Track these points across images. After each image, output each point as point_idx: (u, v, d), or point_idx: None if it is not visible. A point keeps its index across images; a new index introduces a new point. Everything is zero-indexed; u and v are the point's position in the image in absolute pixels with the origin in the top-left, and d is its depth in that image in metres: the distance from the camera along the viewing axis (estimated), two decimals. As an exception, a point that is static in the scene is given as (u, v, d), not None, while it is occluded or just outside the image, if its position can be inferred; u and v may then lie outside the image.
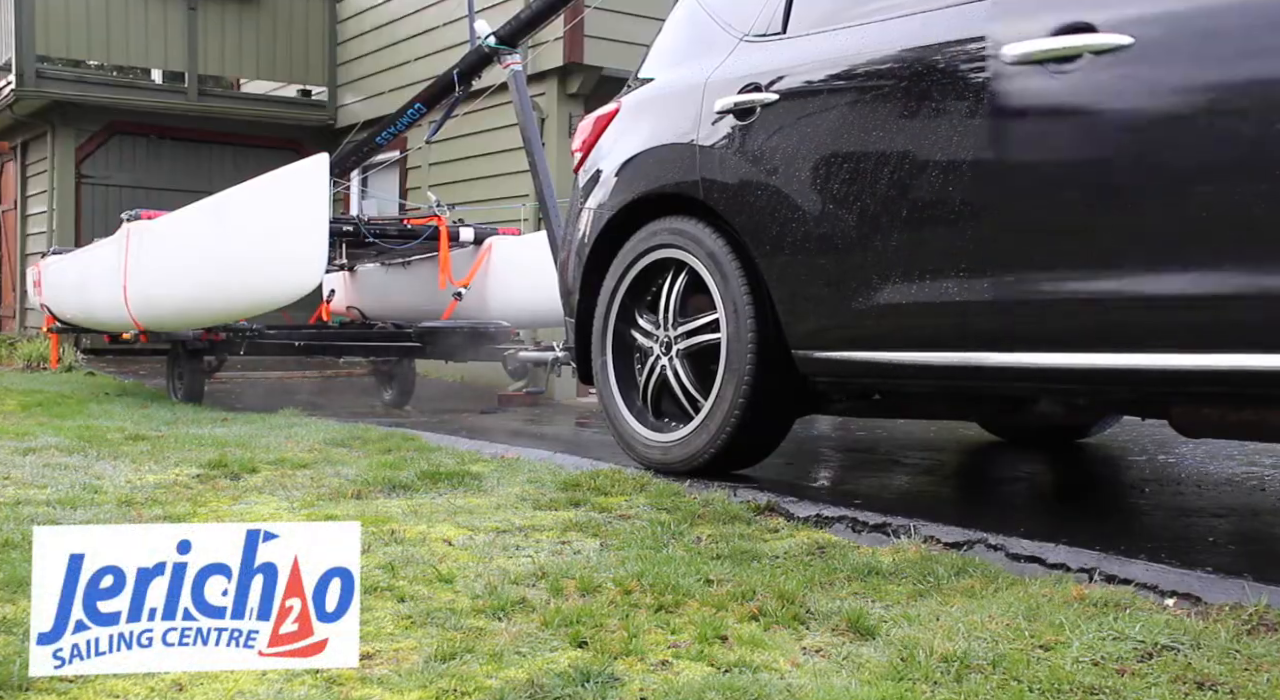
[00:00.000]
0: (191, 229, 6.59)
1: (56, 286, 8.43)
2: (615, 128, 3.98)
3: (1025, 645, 1.93)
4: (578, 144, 4.18)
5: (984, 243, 2.76)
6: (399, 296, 8.35)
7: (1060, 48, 2.57)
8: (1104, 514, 3.33)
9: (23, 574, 2.37)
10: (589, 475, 3.49)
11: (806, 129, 3.21)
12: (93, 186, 11.79)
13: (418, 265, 8.09)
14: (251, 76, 12.52)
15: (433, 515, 3.06)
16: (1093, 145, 2.57)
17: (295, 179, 6.05)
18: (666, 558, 2.56)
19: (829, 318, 3.17)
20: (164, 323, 6.95)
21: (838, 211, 3.10)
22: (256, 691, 1.78)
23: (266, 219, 6.09)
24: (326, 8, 12.12)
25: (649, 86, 3.95)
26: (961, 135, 2.79)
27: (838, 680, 1.82)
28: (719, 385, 3.43)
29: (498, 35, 6.42)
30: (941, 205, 2.84)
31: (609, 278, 3.86)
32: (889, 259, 2.98)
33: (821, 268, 3.15)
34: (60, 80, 11.34)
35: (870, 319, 3.04)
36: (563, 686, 1.78)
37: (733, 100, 3.42)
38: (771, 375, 3.34)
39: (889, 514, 2.90)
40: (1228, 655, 1.87)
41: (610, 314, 3.86)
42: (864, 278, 3.03)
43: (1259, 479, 3.81)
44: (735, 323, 3.38)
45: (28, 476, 3.65)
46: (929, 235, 2.89)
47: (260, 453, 4.20)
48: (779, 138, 3.28)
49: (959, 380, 2.97)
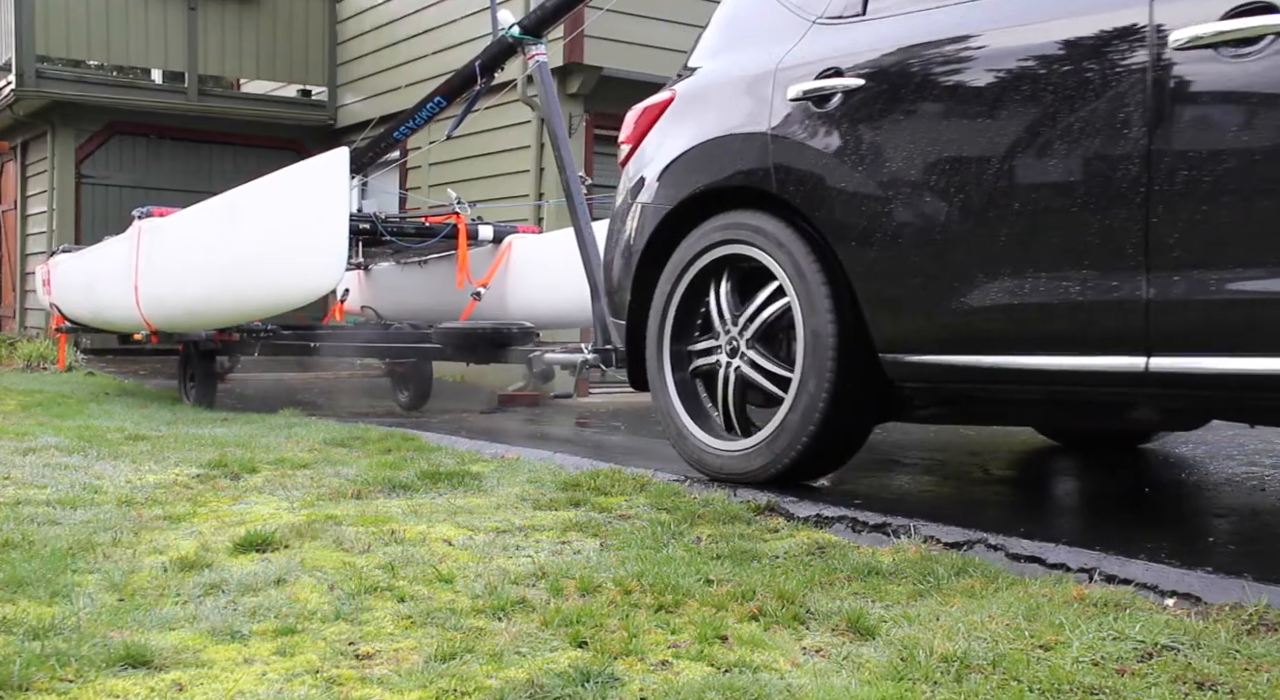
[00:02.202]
0: (206, 226, 6.39)
1: (66, 286, 8.24)
2: (669, 118, 3.76)
3: (1025, 645, 1.93)
4: (625, 136, 3.96)
5: (1136, 239, 2.54)
6: (415, 296, 8.13)
7: (1238, 30, 2.37)
8: (1104, 514, 3.33)
9: (23, 574, 2.38)
10: (589, 475, 3.49)
11: (900, 116, 2.99)
12: (93, 186, 11.78)
13: (434, 264, 7.87)
14: (251, 76, 12.51)
15: (433, 515, 3.06)
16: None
17: (315, 174, 5.83)
18: (666, 558, 2.56)
19: (925, 319, 2.95)
20: (177, 323, 6.77)
21: (939, 204, 2.88)
22: (256, 691, 1.78)
23: (285, 215, 5.87)
24: (326, 8, 12.12)
25: (706, 74, 3.73)
26: (1110, 125, 2.56)
27: (838, 680, 1.82)
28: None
29: (522, 25, 6.15)
30: (1077, 199, 2.62)
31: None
32: (1000, 256, 2.76)
33: (917, 265, 2.94)
34: (60, 80, 11.34)
35: (975, 320, 2.83)
36: (563, 686, 1.78)
37: (809, 86, 3.21)
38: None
39: (889, 514, 2.90)
40: (1228, 655, 1.86)
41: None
42: (968, 276, 2.83)
43: (1259, 479, 3.80)
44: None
45: (28, 476, 3.66)
46: (1057, 231, 2.67)
47: (260, 453, 4.20)
48: (865, 125, 3.07)
49: (1083, 386, 2.73)
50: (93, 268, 7.75)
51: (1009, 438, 4.78)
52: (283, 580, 2.39)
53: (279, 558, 2.59)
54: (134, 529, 2.88)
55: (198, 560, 2.55)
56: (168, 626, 2.08)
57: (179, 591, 2.32)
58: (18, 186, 13.02)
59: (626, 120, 3.97)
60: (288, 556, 2.60)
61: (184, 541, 2.76)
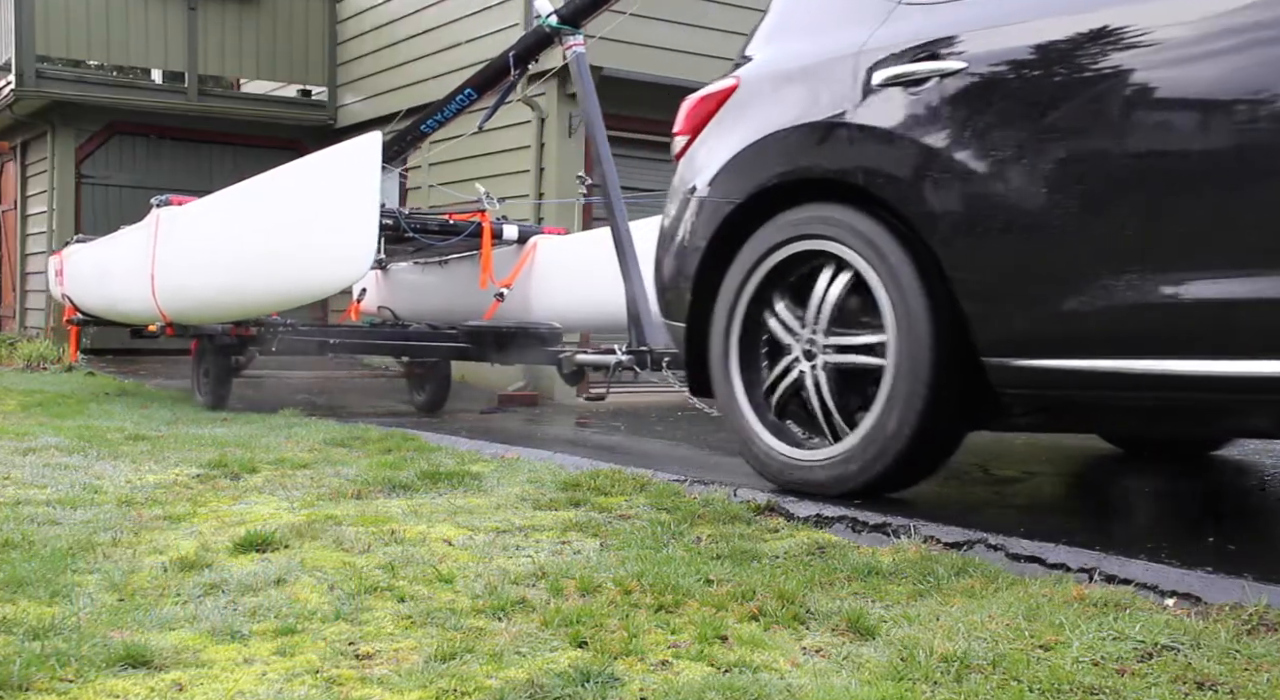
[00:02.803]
0: (228, 214, 6.14)
1: (79, 277, 7.97)
2: (733, 108, 3.52)
3: (1025, 645, 1.93)
4: (680, 127, 3.73)
5: None
6: (434, 297, 7.86)
7: None
8: (1104, 514, 3.33)
9: (23, 574, 2.38)
10: (589, 475, 3.49)
11: (1010, 100, 2.78)
12: (93, 186, 11.78)
13: (455, 264, 7.62)
14: (251, 76, 12.52)
15: (433, 515, 3.06)
16: None
17: (345, 159, 5.57)
18: (666, 558, 2.56)
19: (1040, 320, 2.74)
20: (194, 314, 6.50)
21: (1061, 195, 2.66)
22: (256, 691, 1.78)
23: (315, 201, 5.61)
24: (326, 8, 12.12)
25: (773, 61, 3.51)
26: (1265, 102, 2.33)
27: (838, 680, 1.82)
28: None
29: (560, 15, 5.97)
30: (1240, 188, 2.40)
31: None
32: (1137, 251, 2.54)
33: (1030, 262, 2.73)
34: (60, 80, 11.34)
35: (1098, 322, 2.62)
36: (563, 686, 1.78)
37: (899, 71, 2.99)
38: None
39: (889, 514, 2.90)
40: (1228, 655, 1.87)
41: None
42: (1093, 274, 2.61)
43: (1259, 479, 3.80)
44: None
45: (28, 476, 3.65)
46: (1213, 223, 2.45)
47: (260, 453, 4.20)
48: (969, 111, 2.84)
49: (1226, 393, 2.51)
50: (108, 258, 7.49)
51: (1009, 438, 4.78)
52: (283, 580, 2.39)
53: (279, 558, 2.59)
54: (134, 529, 2.88)
55: (198, 560, 2.55)
56: (168, 626, 2.08)
57: (179, 591, 2.32)
58: (18, 186, 13.03)
59: (682, 111, 3.76)
60: (288, 556, 2.60)
61: (184, 541, 2.76)
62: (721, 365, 3.48)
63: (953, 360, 2.91)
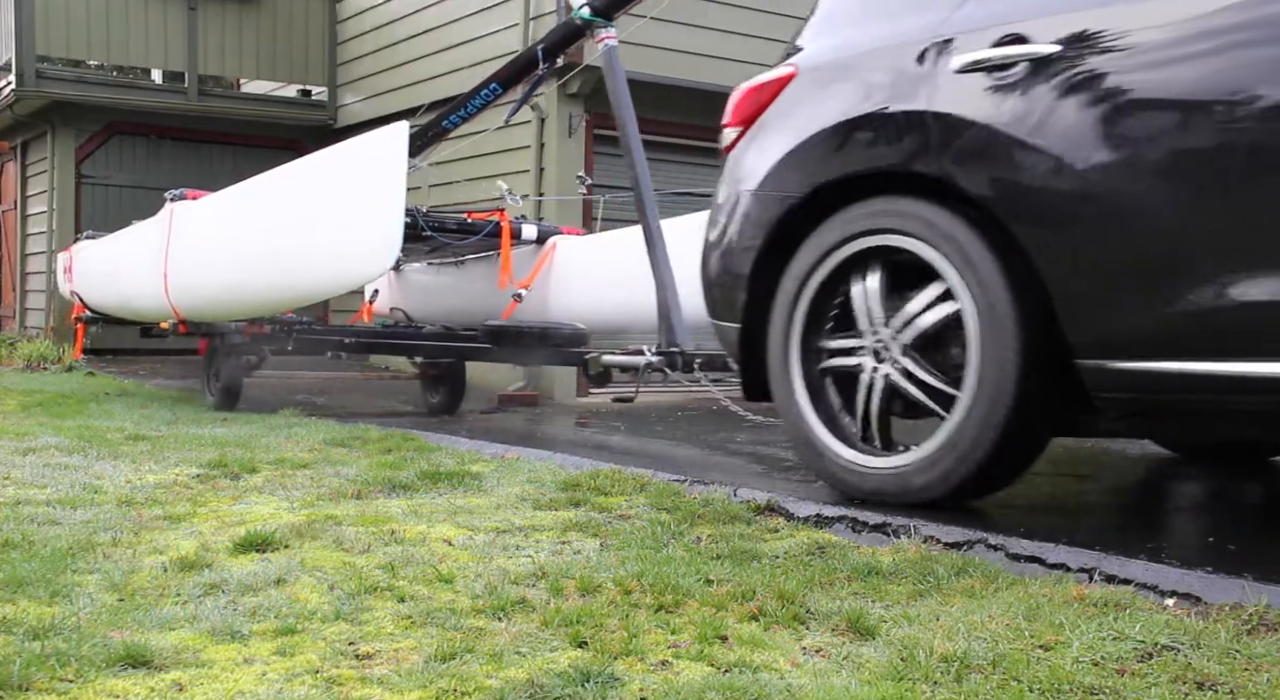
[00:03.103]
0: (247, 208, 5.95)
1: (89, 273, 7.80)
2: (791, 98, 3.37)
3: (1025, 645, 1.93)
4: (730, 118, 3.55)
5: None
6: (449, 299, 7.66)
7: None
8: (1104, 514, 3.33)
9: (23, 574, 2.38)
10: (589, 475, 3.49)
11: (1111, 84, 2.61)
12: (93, 186, 11.78)
13: (471, 265, 7.41)
14: (251, 76, 12.52)
15: (433, 515, 3.06)
16: None
17: (373, 148, 5.36)
18: (666, 558, 2.56)
19: (1147, 320, 2.57)
20: (209, 312, 6.34)
21: (1177, 186, 2.51)
22: (256, 691, 1.78)
23: (339, 193, 5.41)
24: (326, 8, 12.12)
25: (835, 48, 3.35)
26: None
27: (838, 680, 1.82)
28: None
29: (592, 7, 5.80)
30: None
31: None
32: (1262, 246, 2.38)
33: (1139, 259, 2.57)
34: (60, 80, 11.34)
35: (1218, 322, 2.45)
36: (563, 686, 1.78)
37: (983, 56, 2.84)
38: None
39: (889, 514, 2.90)
40: (1228, 655, 1.87)
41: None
42: (1212, 271, 2.45)
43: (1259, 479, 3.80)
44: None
45: (28, 476, 3.66)
46: None
47: (260, 453, 4.20)
48: (1063, 97, 2.68)
49: None
50: (119, 254, 7.32)
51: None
52: (283, 580, 2.39)
53: (279, 558, 2.59)
54: (134, 529, 2.88)
55: (198, 560, 2.55)
56: (168, 626, 2.08)
57: (179, 591, 2.32)
58: (18, 186, 13.03)
59: (731, 102, 3.58)
60: (288, 556, 2.60)
61: (184, 541, 2.76)
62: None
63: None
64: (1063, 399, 2.79)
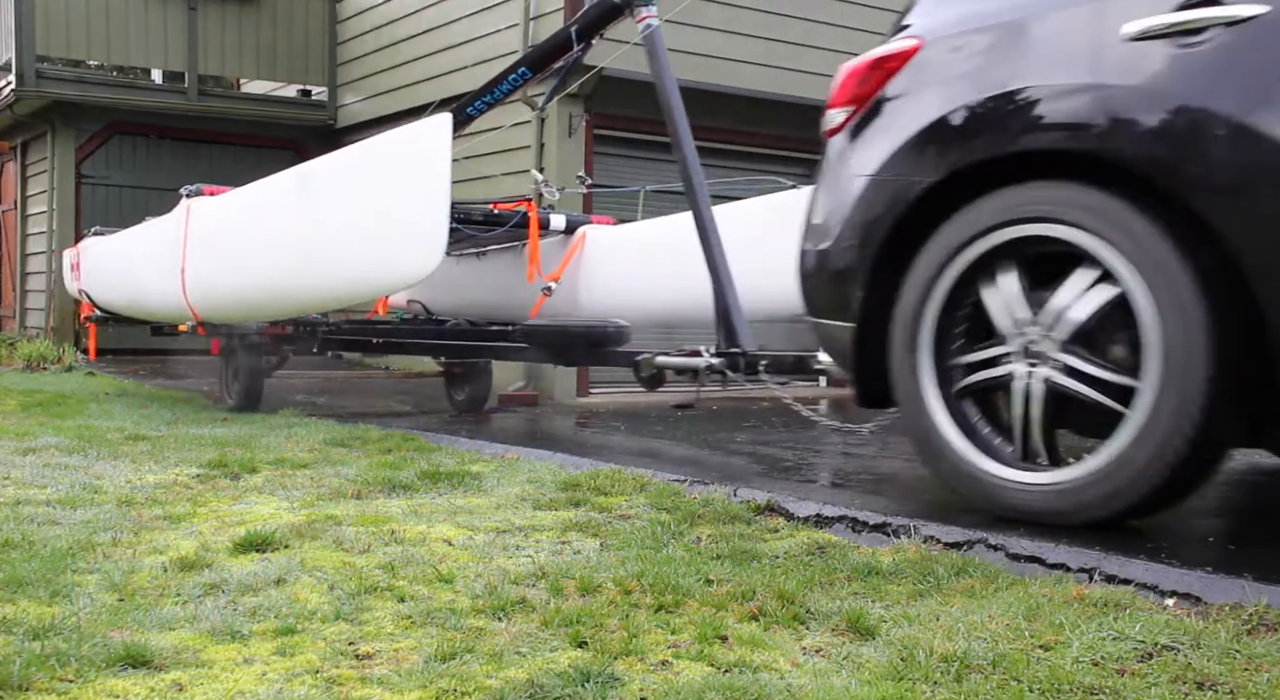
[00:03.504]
0: (275, 205, 5.60)
1: (98, 271, 7.51)
2: (915, 72, 3.05)
3: (1025, 645, 1.93)
4: (837, 98, 3.25)
5: None
6: (471, 292, 7.32)
7: None
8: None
9: (23, 574, 2.38)
10: (589, 475, 3.49)
11: None
12: (93, 186, 11.78)
13: (493, 256, 7.12)
14: (251, 76, 12.52)
15: (433, 515, 3.06)
16: None
17: (417, 140, 5.05)
18: (666, 558, 2.56)
19: None
20: (232, 314, 6.07)
21: None
22: (256, 691, 1.78)
23: (383, 188, 5.10)
24: (326, 8, 12.12)
25: (972, 16, 3.00)
26: None
27: (838, 680, 1.82)
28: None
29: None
30: None
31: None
32: None
33: None
34: (60, 80, 11.34)
35: None
36: (563, 686, 1.78)
37: (1166, 20, 2.51)
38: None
39: (889, 514, 2.90)
40: (1228, 655, 1.87)
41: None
42: None
43: (1259, 479, 3.80)
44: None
45: (28, 476, 3.66)
46: None
47: (260, 453, 4.20)
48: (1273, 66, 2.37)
49: None
50: (131, 252, 7.04)
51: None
52: (283, 580, 2.39)
53: (279, 558, 2.59)
54: (134, 529, 2.88)
55: (198, 560, 2.55)
56: (168, 626, 2.08)
57: (179, 591, 2.33)
58: (18, 186, 13.03)
59: (838, 78, 3.27)
60: (288, 556, 2.60)
61: (184, 541, 2.76)
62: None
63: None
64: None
